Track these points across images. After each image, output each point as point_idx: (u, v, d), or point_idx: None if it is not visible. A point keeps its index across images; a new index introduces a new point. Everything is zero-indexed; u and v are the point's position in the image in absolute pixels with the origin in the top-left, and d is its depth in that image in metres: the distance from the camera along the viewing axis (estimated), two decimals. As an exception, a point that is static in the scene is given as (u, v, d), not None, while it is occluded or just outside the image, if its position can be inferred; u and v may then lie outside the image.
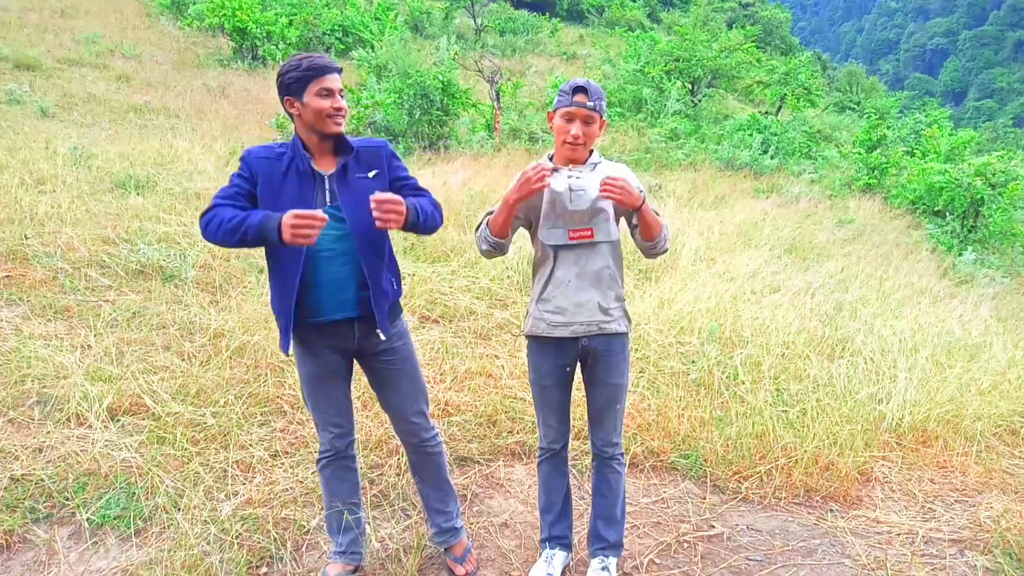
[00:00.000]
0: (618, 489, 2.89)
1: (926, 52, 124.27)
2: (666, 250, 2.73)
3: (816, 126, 18.41)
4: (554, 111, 2.58)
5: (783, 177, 13.23)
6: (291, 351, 2.53)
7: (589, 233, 2.60)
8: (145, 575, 2.74)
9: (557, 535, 2.97)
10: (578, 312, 2.63)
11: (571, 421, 2.93)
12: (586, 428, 3.92)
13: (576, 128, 2.51)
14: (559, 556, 2.95)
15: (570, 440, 2.99)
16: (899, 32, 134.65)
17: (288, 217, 2.15)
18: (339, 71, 2.42)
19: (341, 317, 2.49)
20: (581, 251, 2.62)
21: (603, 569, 2.86)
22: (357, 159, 2.49)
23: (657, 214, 2.61)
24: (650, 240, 2.62)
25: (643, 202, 2.50)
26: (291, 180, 2.40)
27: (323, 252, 2.42)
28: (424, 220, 2.46)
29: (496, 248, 2.65)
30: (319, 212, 2.17)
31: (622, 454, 2.90)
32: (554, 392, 2.78)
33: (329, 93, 2.36)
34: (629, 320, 2.78)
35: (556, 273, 2.63)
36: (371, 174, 2.49)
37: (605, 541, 2.90)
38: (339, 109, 2.38)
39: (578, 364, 2.79)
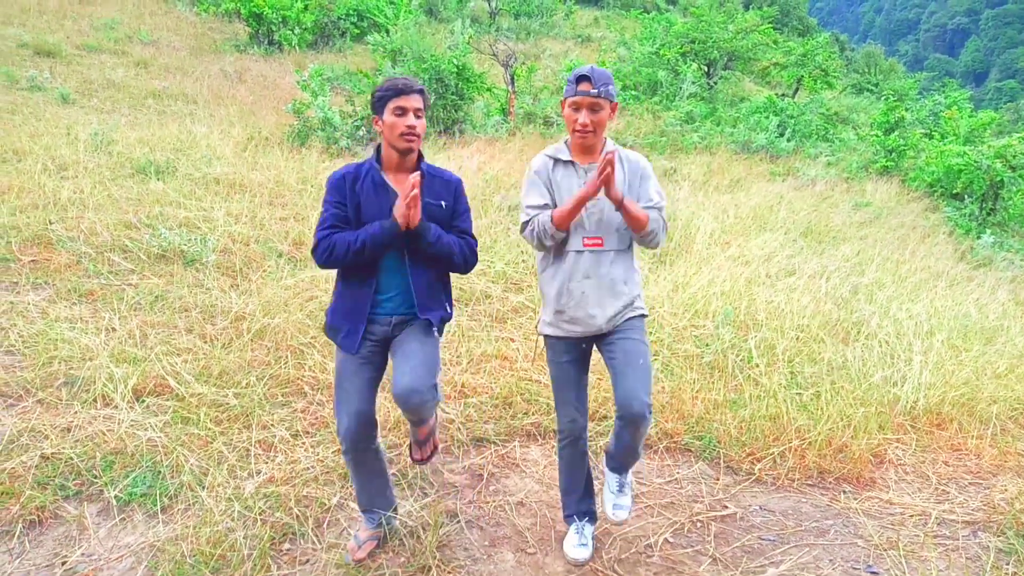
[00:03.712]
0: (639, 441, 2.75)
1: (947, 32, 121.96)
2: (659, 243, 2.70)
3: (833, 108, 18.18)
4: (564, 100, 2.63)
5: (799, 160, 13.12)
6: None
7: (600, 241, 2.65)
8: (172, 550, 2.82)
9: (584, 510, 3.03)
10: (593, 322, 2.69)
11: (588, 405, 2.95)
12: (601, 410, 3.99)
13: (584, 116, 2.56)
14: (588, 527, 3.02)
15: (587, 426, 2.98)
16: (919, 12, 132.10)
17: (397, 209, 2.48)
18: (420, 92, 2.57)
19: (384, 316, 2.69)
20: (593, 259, 2.65)
21: (621, 490, 2.92)
22: (431, 185, 2.68)
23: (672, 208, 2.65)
24: (638, 232, 2.64)
25: (621, 200, 2.53)
26: (368, 191, 2.62)
27: (387, 263, 2.64)
28: (438, 248, 2.62)
29: (557, 240, 2.66)
30: (413, 189, 2.41)
31: (651, 411, 2.63)
32: (571, 368, 2.81)
33: (403, 112, 2.54)
34: (643, 306, 2.82)
35: (570, 284, 2.67)
36: (443, 204, 2.70)
37: (622, 464, 2.89)
38: (411, 127, 2.54)
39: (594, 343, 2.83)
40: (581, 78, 2.54)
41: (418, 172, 2.49)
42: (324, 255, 2.57)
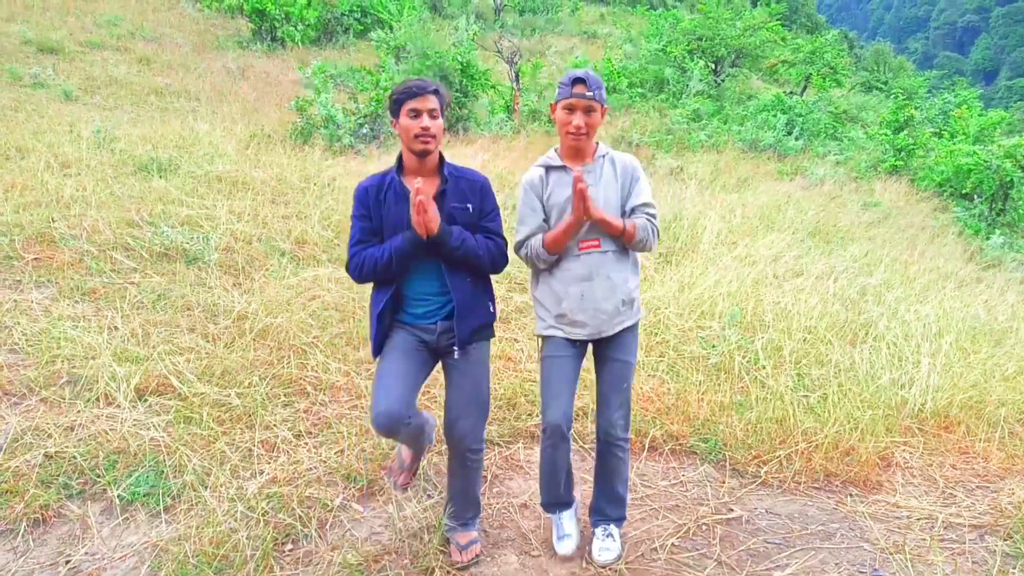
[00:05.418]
0: (622, 472, 2.92)
1: (957, 30, 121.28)
2: (652, 248, 2.75)
3: (842, 106, 18.12)
4: (556, 103, 2.66)
5: (808, 159, 13.07)
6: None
7: (596, 243, 2.67)
8: (175, 550, 2.81)
9: (561, 502, 3.02)
10: (590, 325, 2.72)
11: (574, 405, 2.90)
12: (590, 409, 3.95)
13: (578, 118, 2.60)
14: (567, 514, 3.03)
15: (572, 425, 2.95)
16: (928, 9, 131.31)
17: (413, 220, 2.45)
18: (434, 92, 2.54)
19: (425, 322, 2.70)
20: (590, 261, 2.68)
21: (607, 536, 2.93)
22: (456, 187, 2.65)
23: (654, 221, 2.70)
24: (629, 243, 2.70)
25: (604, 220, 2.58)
26: (390, 199, 2.59)
27: (422, 269, 2.63)
28: (463, 252, 2.59)
29: (551, 262, 2.74)
30: (417, 196, 2.39)
31: (628, 439, 2.89)
32: (568, 364, 2.80)
33: (416, 114, 2.51)
34: (640, 309, 2.85)
35: (570, 289, 2.70)
36: (469, 207, 2.66)
37: (607, 516, 2.97)
38: (426, 129, 2.51)
39: (589, 345, 2.85)
40: (576, 80, 2.58)
41: (420, 179, 2.47)
42: (356, 271, 2.61)
